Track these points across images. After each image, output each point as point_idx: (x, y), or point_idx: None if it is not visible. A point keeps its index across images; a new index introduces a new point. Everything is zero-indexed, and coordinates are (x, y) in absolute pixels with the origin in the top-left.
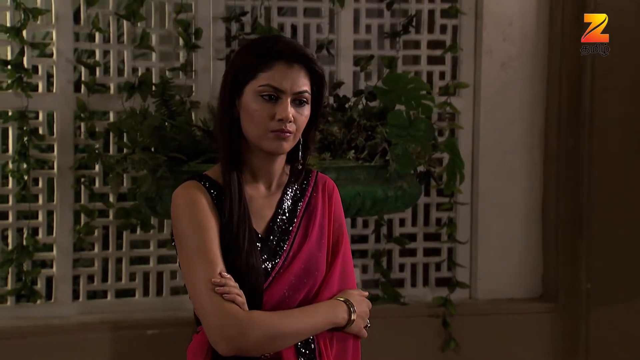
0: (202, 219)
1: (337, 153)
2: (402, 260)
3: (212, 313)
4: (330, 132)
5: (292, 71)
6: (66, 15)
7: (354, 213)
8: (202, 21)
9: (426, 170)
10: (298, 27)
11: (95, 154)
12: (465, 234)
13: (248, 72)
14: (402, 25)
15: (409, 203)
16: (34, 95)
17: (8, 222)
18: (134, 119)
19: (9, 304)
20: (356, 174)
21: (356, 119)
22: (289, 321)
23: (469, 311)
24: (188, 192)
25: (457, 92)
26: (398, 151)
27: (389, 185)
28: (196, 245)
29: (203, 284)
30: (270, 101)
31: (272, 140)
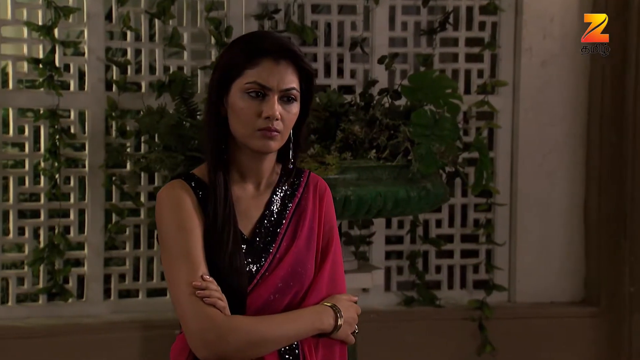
0: (185, 219)
1: (358, 153)
2: (438, 262)
3: (192, 317)
4: (351, 131)
5: (279, 68)
6: (97, 13)
7: (375, 214)
8: (234, 19)
9: (455, 170)
10: (332, 24)
11: (116, 153)
12: (503, 235)
13: (234, 69)
14: (439, 22)
15: (433, 204)
16: (65, 93)
17: (40, 221)
18: (152, 118)
19: (40, 302)
20: (378, 174)
21: (379, 117)
22: (271, 326)
23: (506, 314)
24: (172, 192)
25: (496, 91)
26: (421, 151)
27: (412, 186)
28: (178, 247)
29: (184, 286)
30: (256, 98)
31: (259, 138)
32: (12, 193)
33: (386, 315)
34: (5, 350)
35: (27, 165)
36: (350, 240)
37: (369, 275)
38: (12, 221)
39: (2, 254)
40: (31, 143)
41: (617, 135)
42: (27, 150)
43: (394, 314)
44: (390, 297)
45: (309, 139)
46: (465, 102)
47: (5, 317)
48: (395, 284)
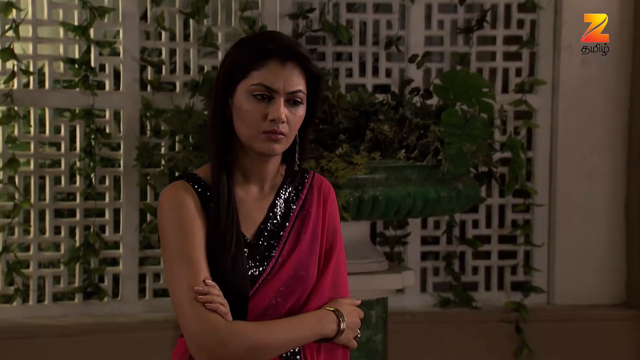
0: (188, 222)
1: (387, 152)
2: (475, 263)
3: (192, 322)
4: (380, 131)
5: (286, 70)
6: (133, 13)
7: (405, 214)
8: (268, 18)
9: (488, 170)
10: (367, 23)
11: (147, 152)
12: (542, 236)
13: (240, 70)
14: (476, 20)
15: (465, 204)
16: (100, 93)
17: (76, 220)
18: (180, 118)
19: (76, 301)
20: (407, 174)
21: (409, 117)
22: (272, 332)
23: (545, 317)
24: (174, 193)
25: (534, 90)
26: (452, 150)
27: (443, 186)
28: (179, 250)
29: (185, 291)
30: (262, 101)
31: (263, 141)
32: (49, 192)
33: (421, 316)
34: (42, 348)
35: (63, 165)
36: (385, 240)
37: (399, 276)
38: (48, 220)
39: (39, 252)
40: (67, 143)
41: None
42: (63, 150)
43: (429, 315)
44: (426, 299)
45: (339, 139)
46: (503, 101)
47: (42, 316)
48: (431, 285)
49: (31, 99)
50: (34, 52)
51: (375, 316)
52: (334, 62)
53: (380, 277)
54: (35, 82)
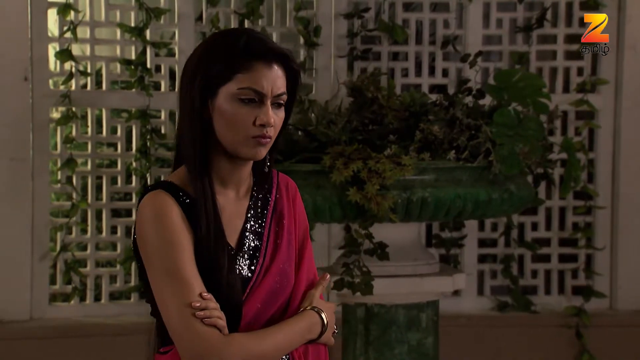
0: (175, 234)
1: (437, 153)
2: (534, 266)
3: (190, 339)
4: (430, 131)
5: (272, 72)
6: (188, 14)
7: (455, 216)
8: (323, 18)
9: (543, 172)
10: (423, 22)
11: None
12: (604, 239)
13: (223, 73)
14: (536, 19)
15: (517, 207)
16: (156, 94)
17: (132, 220)
18: None
19: (132, 300)
20: (457, 175)
21: (459, 117)
22: (268, 341)
23: (607, 322)
24: (157, 203)
25: (597, 89)
26: (504, 151)
27: (494, 187)
28: (169, 264)
29: (181, 307)
30: (248, 104)
31: (251, 146)
32: (106, 192)
33: (477, 320)
34: (98, 347)
35: (119, 165)
36: (441, 242)
37: (450, 278)
38: (105, 220)
39: (96, 252)
40: (123, 143)
41: None
42: (120, 150)
43: (486, 319)
44: (483, 302)
45: (388, 139)
46: (564, 101)
47: (99, 315)
48: (488, 289)
49: (89, 99)
50: (91, 53)
51: (426, 319)
52: (390, 62)
53: (431, 279)
54: (93, 83)
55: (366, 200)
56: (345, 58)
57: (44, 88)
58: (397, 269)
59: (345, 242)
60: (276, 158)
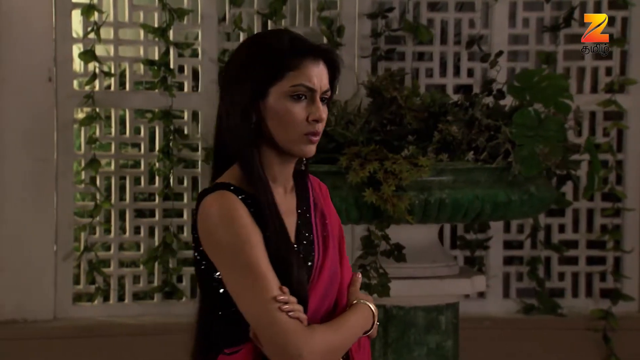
0: (248, 231)
1: (455, 154)
2: (561, 269)
3: (277, 333)
4: (448, 132)
5: (319, 69)
6: (211, 15)
7: (473, 217)
8: (347, 18)
9: (566, 174)
10: (449, 22)
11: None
12: (633, 241)
13: (273, 72)
14: (563, 18)
15: (538, 208)
16: (179, 94)
17: (155, 220)
18: None
19: (155, 300)
20: (475, 176)
21: (478, 118)
22: (342, 333)
23: (635, 326)
24: (226, 203)
25: (625, 90)
26: (524, 152)
27: (514, 189)
28: (247, 261)
29: (264, 302)
30: (301, 102)
31: (305, 143)
32: (129, 192)
33: (502, 323)
34: (121, 347)
35: (142, 165)
36: (466, 244)
37: (469, 280)
38: (128, 220)
39: (120, 252)
40: (146, 143)
41: None
42: (143, 151)
43: (511, 322)
44: (509, 304)
45: (407, 140)
46: (592, 101)
47: (122, 315)
48: (514, 291)
49: (112, 100)
50: (115, 54)
51: (445, 321)
52: (414, 62)
53: (450, 281)
54: (117, 84)
55: (382, 201)
56: (369, 58)
57: (68, 89)
58: (415, 271)
59: (361, 243)
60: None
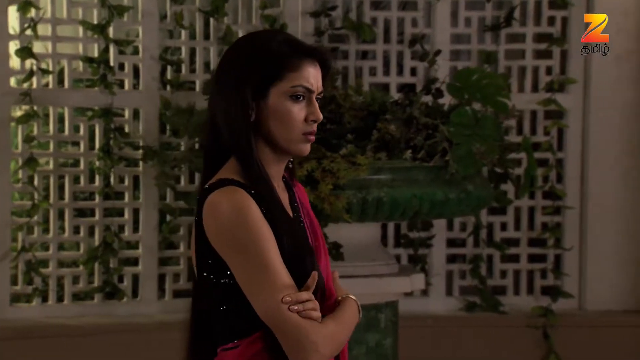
0: (263, 227)
1: (393, 153)
2: (503, 267)
3: (290, 331)
4: (387, 131)
5: (316, 70)
6: (152, 12)
7: (411, 216)
8: (289, 16)
9: (504, 172)
10: (392, 21)
11: (152, 152)
12: (573, 239)
13: (274, 73)
14: (504, 18)
15: (475, 207)
16: (120, 92)
17: (94, 220)
18: (180, 117)
19: (95, 301)
20: (413, 175)
21: (416, 116)
22: (344, 327)
23: (575, 323)
24: (237, 199)
25: (566, 89)
26: (461, 151)
27: (451, 187)
28: (262, 257)
29: (278, 300)
30: (300, 102)
31: (302, 142)
32: (68, 191)
33: (444, 320)
34: (60, 348)
35: (82, 164)
36: (409, 242)
37: (407, 279)
38: (67, 219)
39: (58, 252)
40: (86, 142)
41: None
42: (82, 149)
43: (453, 319)
44: (452, 302)
45: (346, 139)
46: (532, 100)
47: (61, 316)
48: (457, 289)
49: (50, 98)
50: (53, 51)
51: (385, 320)
52: (358, 61)
53: (389, 280)
54: (55, 81)
55: (319, 200)
56: None
57: (4, 86)
58: (354, 269)
59: None
60: None
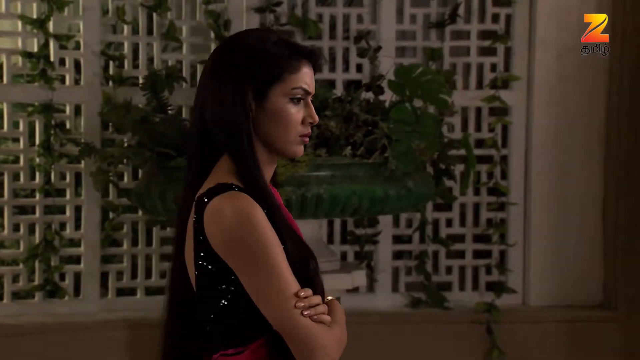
0: (270, 233)
1: (333, 149)
2: (449, 263)
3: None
4: (327, 127)
5: (311, 71)
6: (93, 6)
7: (351, 213)
8: (234, 12)
9: (445, 168)
10: (337, 17)
11: (90, 149)
12: (517, 235)
13: (274, 74)
14: (449, 15)
15: (416, 203)
16: (61, 88)
17: (35, 217)
18: (117, 113)
19: (36, 299)
20: (353, 171)
21: (357, 113)
22: (343, 329)
23: (519, 318)
24: (243, 204)
25: (509, 86)
26: (400, 148)
27: (391, 184)
28: (271, 263)
29: (289, 306)
30: (297, 104)
31: (298, 144)
32: (7, 188)
33: (390, 317)
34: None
35: (22, 161)
36: (355, 239)
37: (349, 276)
38: (7, 217)
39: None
40: (26, 138)
41: (635, 132)
42: (22, 146)
43: (398, 316)
44: (398, 299)
45: None
46: (477, 97)
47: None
48: (403, 285)
49: None
50: None
51: None
52: None
53: (330, 276)
54: None
55: None
56: None
57: None
58: None
59: None
60: (173, 155)
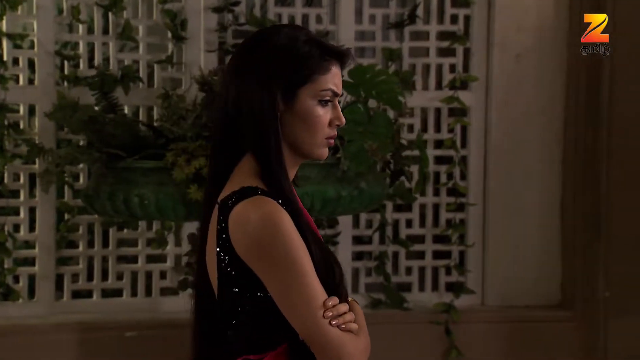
0: (297, 240)
1: None
2: (408, 263)
3: (333, 345)
4: None
5: (339, 72)
6: (47, 5)
7: None
8: (191, 11)
9: (399, 170)
10: (296, 17)
11: (38, 149)
12: (476, 236)
13: (305, 75)
14: (408, 15)
15: (369, 204)
16: (14, 87)
17: None
18: (64, 113)
19: None
20: (305, 172)
21: None
22: (366, 334)
23: (477, 318)
24: (270, 210)
25: (468, 86)
26: (353, 148)
27: (344, 185)
28: (301, 270)
29: (317, 315)
30: (326, 106)
31: (324, 146)
32: None
33: None
34: None
35: None
36: None
37: None
38: None
39: None
40: None
41: (593, 133)
42: None
43: None
44: (358, 300)
45: None
46: (436, 97)
47: None
48: (363, 286)
49: None
50: None
51: None
52: None
53: None
54: None
55: None
56: (216, 52)
57: None
58: None
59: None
60: (122, 155)
